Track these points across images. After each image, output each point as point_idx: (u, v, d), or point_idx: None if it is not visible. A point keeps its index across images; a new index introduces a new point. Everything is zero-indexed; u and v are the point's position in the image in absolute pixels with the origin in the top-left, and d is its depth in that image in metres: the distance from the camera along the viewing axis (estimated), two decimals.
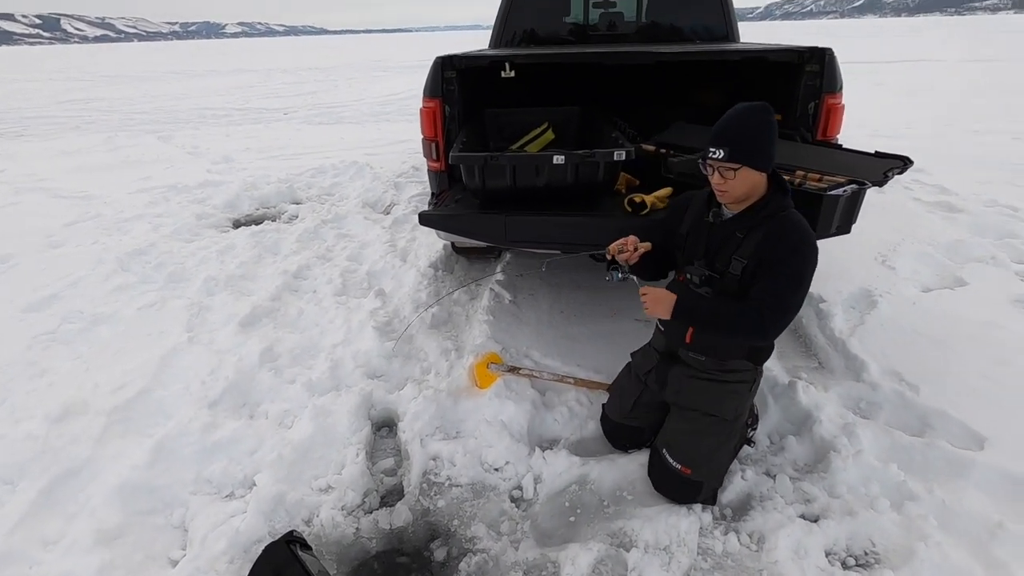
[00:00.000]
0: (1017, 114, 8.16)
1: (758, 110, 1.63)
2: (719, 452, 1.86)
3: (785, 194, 1.70)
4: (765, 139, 1.62)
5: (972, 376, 2.33)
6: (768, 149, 1.63)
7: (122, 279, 3.55)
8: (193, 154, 7.44)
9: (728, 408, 1.85)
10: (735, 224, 1.71)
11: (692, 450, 1.82)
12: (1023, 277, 3.22)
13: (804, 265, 1.63)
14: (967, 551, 1.63)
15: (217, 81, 19.33)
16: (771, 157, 1.64)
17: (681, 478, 1.82)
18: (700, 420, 1.85)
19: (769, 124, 1.63)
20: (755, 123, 1.62)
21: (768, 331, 1.67)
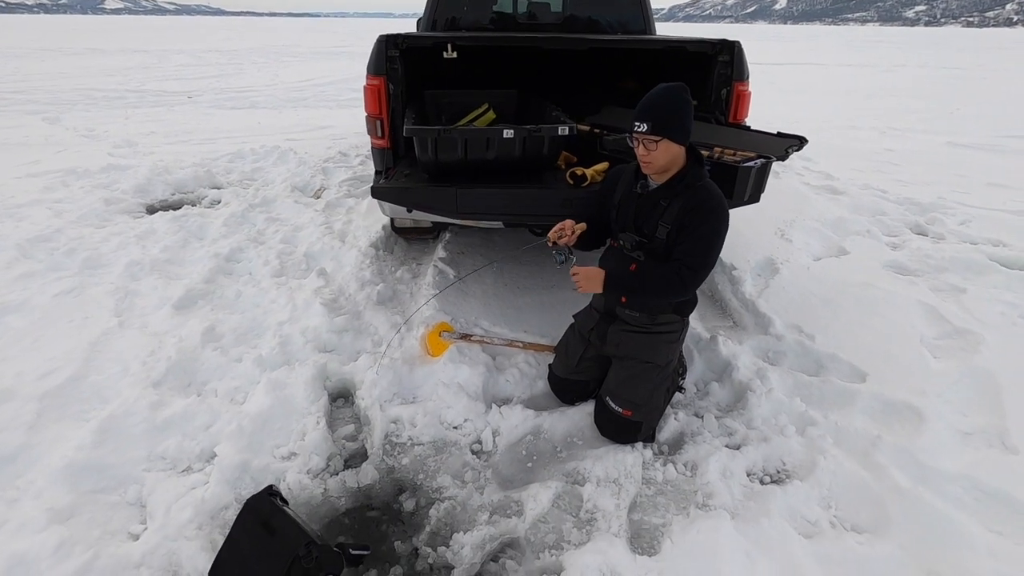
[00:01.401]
0: (882, 112, 9.32)
1: (677, 90, 1.83)
2: (655, 394, 2.08)
3: (701, 166, 1.91)
4: (683, 115, 1.82)
5: (855, 326, 2.75)
6: (685, 124, 1.83)
7: (27, 266, 3.27)
8: (89, 137, 6.82)
9: (661, 355, 2.08)
10: (659, 194, 1.92)
11: (632, 394, 2.04)
12: (892, 247, 3.78)
13: (718, 227, 1.87)
14: (856, 461, 1.97)
15: (102, 61, 17.54)
16: (688, 131, 1.85)
17: (624, 420, 2.04)
18: (637, 367, 2.08)
19: (686, 102, 1.83)
20: (674, 100, 1.81)
21: (687, 286, 1.91)
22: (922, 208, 4.47)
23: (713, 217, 1.86)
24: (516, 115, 3.18)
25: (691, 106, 1.85)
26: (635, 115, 1.83)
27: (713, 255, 1.89)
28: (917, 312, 2.85)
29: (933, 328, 2.74)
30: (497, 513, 1.84)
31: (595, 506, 1.85)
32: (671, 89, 1.83)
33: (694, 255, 1.87)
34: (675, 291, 1.92)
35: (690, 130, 1.85)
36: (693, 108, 1.86)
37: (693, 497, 1.89)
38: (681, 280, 1.87)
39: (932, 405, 2.18)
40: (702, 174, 1.90)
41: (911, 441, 2.01)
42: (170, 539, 1.66)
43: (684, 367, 2.44)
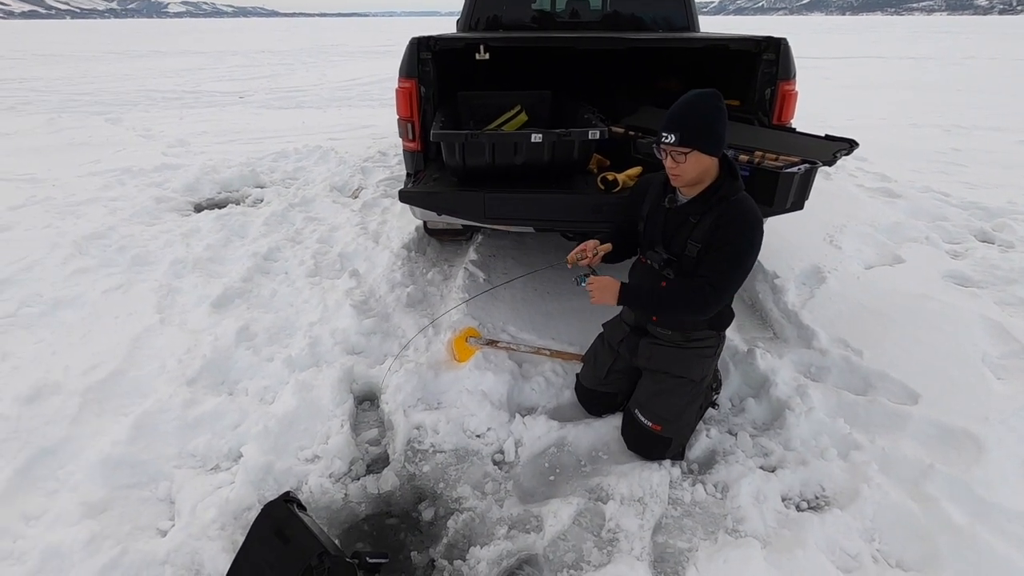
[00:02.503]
0: (946, 109, 8.75)
1: (708, 96, 1.69)
2: (687, 410, 1.99)
3: (735, 179, 1.77)
4: (715, 124, 1.67)
5: (908, 341, 2.56)
6: (718, 134, 1.68)
7: (81, 262, 3.44)
8: (146, 137, 7.15)
9: (695, 370, 1.98)
10: (689, 209, 1.80)
11: (662, 409, 1.95)
12: (953, 255, 3.52)
13: (748, 247, 1.74)
14: (903, 490, 1.83)
15: (163, 62, 18.44)
16: (721, 142, 1.70)
17: (653, 435, 1.96)
18: (669, 381, 1.99)
19: (719, 110, 1.69)
20: (705, 109, 1.67)
21: (709, 306, 1.78)
22: (989, 213, 4.15)
23: (745, 234, 1.73)
24: (550, 117, 3.13)
25: (724, 113, 1.71)
26: (663, 124, 1.71)
27: (740, 274, 1.77)
28: (980, 328, 2.64)
29: (997, 346, 2.53)
30: (516, 528, 1.80)
31: (618, 525, 1.78)
32: (702, 96, 1.70)
33: (720, 272, 1.74)
34: (695, 310, 1.81)
35: (724, 139, 1.72)
36: (727, 115, 1.72)
37: (722, 521, 1.80)
38: (704, 299, 1.76)
39: (994, 432, 2.00)
40: (737, 187, 1.77)
41: (968, 472, 1.85)
42: (194, 538, 1.69)
43: (719, 381, 2.33)
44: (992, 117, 8.14)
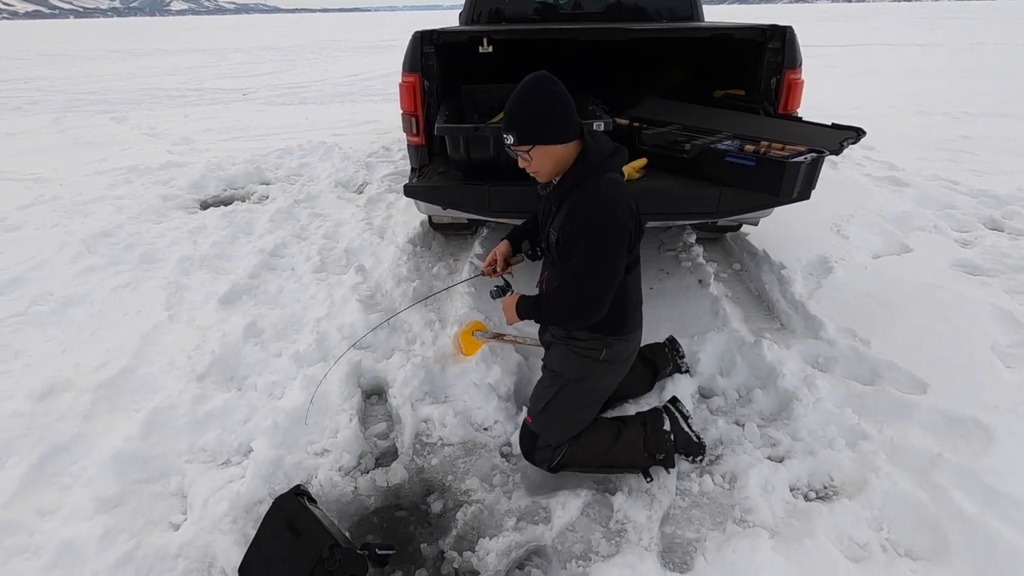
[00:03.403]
0: (954, 96, 8.64)
1: (535, 85, 1.55)
2: (554, 406, 1.82)
3: (587, 162, 1.61)
4: (550, 112, 1.54)
5: (916, 331, 2.55)
6: (556, 120, 1.55)
7: (90, 261, 3.47)
8: (151, 135, 7.18)
9: (569, 368, 1.83)
10: (552, 195, 1.70)
11: (534, 400, 1.88)
12: (962, 244, 3.49)
13: (592, 242, 1.56)
14: (912, 480, 1.82)
15: (167, 61, 18.47)
16: (562, 127, 1.56)
17: (526, 426, 1.89)
18: (547, 376, 1.91)
19: (550, 95, 1.54)
20: (534, 99, 1.54)
21: (581, 309, 1.63)
22: (998, 201, 4.11)
23: (587, 229, 1.56)
24: None
25: (559, 96, 1.54)
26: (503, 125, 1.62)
27: (593, 274, 1.59)
28: (989, 316, 2.62)
29: (1007, 335, 2.52)
30: (524, 519, 1.81)
31: (626, 517, 1.79)
32: (530, 87, 1.56)
33: (574, 276, 1.60)
34: (574, 316, 1.67)
35: (566, 123, 1.56)
36: (563, 96, 1.55)
37: (731, 512, 1.80)
38: (571, 304, 1.63)
39: (1003, 421, 1.99)
40: (588, 171, 1.61)
41: (977, 461, 1.84)
42: (207, 531, 1.71)
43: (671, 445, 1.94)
44: (1001, 103, 8.04)
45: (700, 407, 2.24)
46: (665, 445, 1.86)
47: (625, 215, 1.58)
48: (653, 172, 2.47)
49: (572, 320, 1.72)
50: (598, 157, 1.61)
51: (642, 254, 3.27)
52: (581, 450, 1.85)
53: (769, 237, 3.45)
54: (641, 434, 1.86)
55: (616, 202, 1.57)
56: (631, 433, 1.87)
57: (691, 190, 2.34)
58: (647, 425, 1.89)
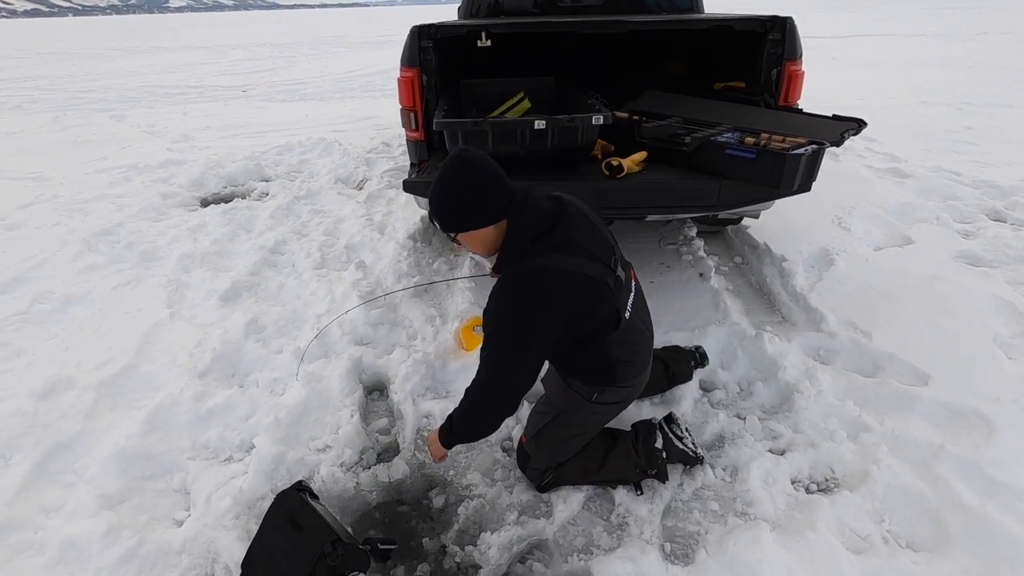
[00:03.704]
0: (957, 86, 8.58)
1: (450, 169, 1.45)
2: (548, 435, 1.80)
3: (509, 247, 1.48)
4: (465, 199, 1.44)
5: (918, 323, 2.54)
6: (472, 207, 1.44)
7: (91, 259, 3.47)
8: (150, 133, 7.17)
9: (561, 399, 1.78)
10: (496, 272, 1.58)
11: (530, 424, 1.87)
12: (964, 235, 3.48)
13: (498, 328, 1.47)
14: (913, 471, 1.82)
15: (166, 58, 18.44)
16: (479, 213, 1.45)
17: (521, 444, 1.90)
18: (541, 401, 1.90)
19: (465, 181, 1.44)
20: (450, 187, 1.45)
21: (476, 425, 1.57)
22: (1002, 192, 4.09)
23: (494, 316, 1.46)
24: (553, 103, 3.10)
25: (477, 179, 1.44)
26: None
27: (502, 365, 1.47)
28: (991, 308, 2.62)
29: (1009, 326, 2.51)
30: (526, 513, 1.82)
31: (627, 510, 1.80)
32: (446, 171, 1.46)
33: (483, 366, 1.51)
34: (474, 418, 1.57)
35: (486, 206, 1.45)
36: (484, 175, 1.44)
37: (732, 504, 1.80)
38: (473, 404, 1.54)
39: (1005, 413, 1.99)
40: (510, 256, 1.49)
41: (978, 452, 1.84)
42: (210, 528, 1.72)
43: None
44: (1005, 94, 7.98)
45: (701, 401, 2.24)
46: (657, 462, 1.83)
47: (540, 309, 1.43)
48: (653, 165, 2.46)
49: (474, 421, 1.59)
50: (523, 242, 1.46)
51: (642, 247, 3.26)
52: (570, 472, 1.84)
53: (770, 230, 3.44)
54: (631, 453, 1.83)
55: (525, 300, 1.43)
56: (622, 451, 1.84)
57: (691, 183, 2.33)
58: (639, 441, 1.85)
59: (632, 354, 1.66)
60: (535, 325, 1.44)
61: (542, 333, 1.45)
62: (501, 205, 1.46)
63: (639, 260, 3.28)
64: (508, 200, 1.47)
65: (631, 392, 1.77)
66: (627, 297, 1.62)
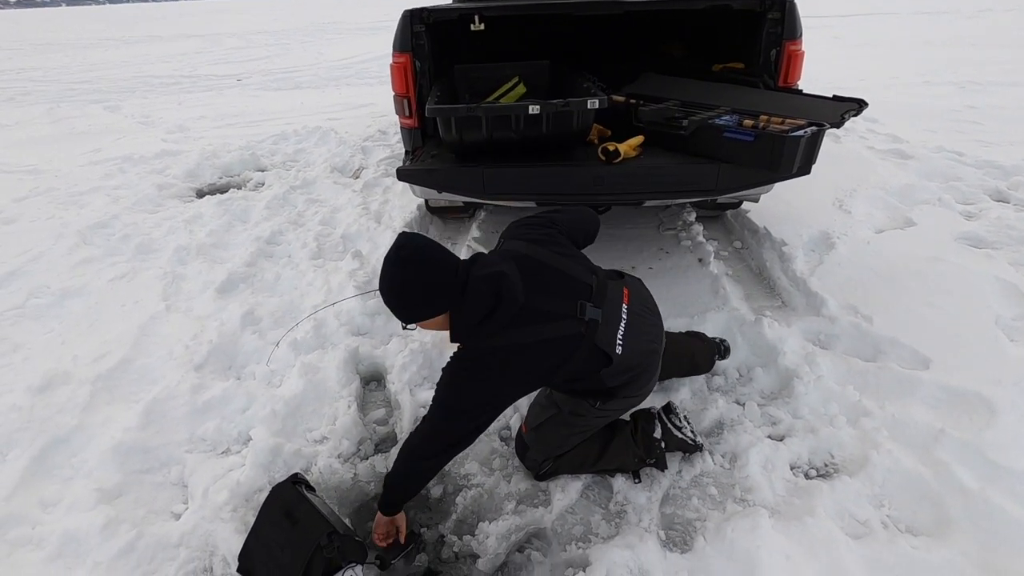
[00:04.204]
0: (961, 65, 8.46)
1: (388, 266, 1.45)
2: (548, 429, 1.80)
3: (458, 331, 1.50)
4: (407, 297, 1.46)
5: (919, 306, 2.52)
6: (415, 303, 1.46)
7: (87, 252, 3.45)
8: (145, 124, 7.10)
9: (563, 400, 1.77)
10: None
11: (531, 415, 1.86)
12: (966, 216, 3.44)
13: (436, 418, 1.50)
14: (914, 456, 1.81)
15: (160, 47, 18.22)
16: (424, 306, 1.47)
17: (520, 433, 1.89)
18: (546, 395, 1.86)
19: (403, 280, 1.45)
20: (392, 288, 1.46)
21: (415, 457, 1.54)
22: (1004, 172, 4.04)
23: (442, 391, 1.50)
24: (549, 87, 3.05)
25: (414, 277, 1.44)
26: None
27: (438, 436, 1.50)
28: (993, 290, 2.59)
29: (1012, 308, 2.48)
30: (524, 502, 1.81)
31: (626, 498, 1.80)
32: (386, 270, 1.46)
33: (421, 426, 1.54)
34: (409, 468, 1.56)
35: (430, 298, 1.46)
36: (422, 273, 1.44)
37: (731, 491, 1.80)
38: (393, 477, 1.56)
39: (1006, 395, 1.97)
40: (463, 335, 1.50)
41: (979, 436, 1.83)
42: (207, 520, 1.72)
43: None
44: (1009, 72, 7.87)
45: (700, 387, 2.23)
46: (655, 452, 1.83)
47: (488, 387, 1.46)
48: (650, 149, 2.42)
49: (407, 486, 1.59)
50: (466, 330, 1.48)
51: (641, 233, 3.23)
52: (569, 461, 1.83)
53: (770, 214, 3.41)
54: (630, 442, 1.83)
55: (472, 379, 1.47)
56: (621, 440, 1.83)
57: (689, 167, 2.29)
58: (637, 431, 1.85)
59: (633, 376, 1.63)
60: (482, 405, 1.48)
61: (489, 411, 1.50)
62: (445, 297, 1.46)
63: (637, 246, 3.25)
64: (451, 290, 1.45)
65: (639, 400, 1.76)
66: (614, 332, 1.56)
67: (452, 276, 1.46)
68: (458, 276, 1.47)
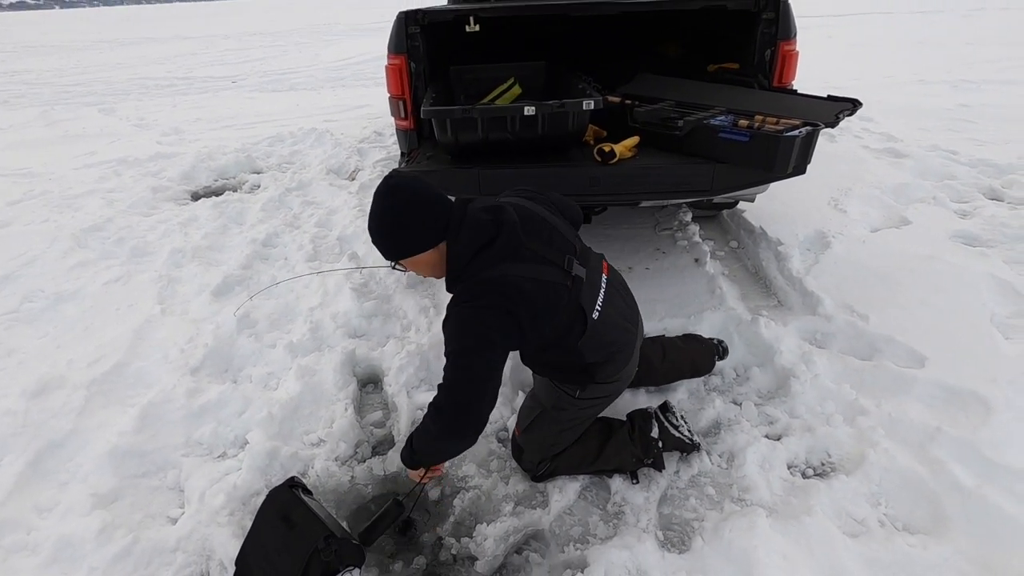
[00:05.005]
0: (954, 63, 8.50)
1: (378, 199, 1.43)
2: (537, 430, 1.79)
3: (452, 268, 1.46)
4: (397, 227, 1.42)
5: (914, 304, 2.53)
6: (405, 235, 1.43)
7: (81, 256, 3.43)
8: (140, 126, 7.08)
9: (547, 396, 1.77)
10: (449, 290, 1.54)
11: (521, 417, 1.87)
12: (961, 214, 3.45)
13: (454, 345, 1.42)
14: (910, 454, 1.82)
15: (155, 49, 18.17)
16: (414, 239, 1.43)
17: (514, 436, 1.89)
18: (530, 395, 1.89)
19: (394, 209, 1.42)
20: (381, 217, 1.43)
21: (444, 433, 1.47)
22: (998, 170, 4.06)
23: (450, 330, 1.44)
24: (544, 88, 3.05)
25: (406, 207, 1.42)
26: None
27: (460, 385, 1.43)
28: (988, 288, 2.60)
29: (1007, 306, 2.50)
30: (522, 504, 1.81)
31: (624, 499, 1.79)
32: (377, 202, 1.44)
33: (444, 381, 1.45)
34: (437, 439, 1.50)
35: (420, 232, 1.43)
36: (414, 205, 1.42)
37: (728, 491, 1.80)
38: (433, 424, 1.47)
39: (1002, 393, 1.98)
40: (454, 277, 1.47)
41: (975, 433, 1.83)
42: (204, 524, 1.71)
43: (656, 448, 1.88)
44: (1003, 70, 7.91)
45: (697, 387, 2.23)
46: (653, 451, 1.83)
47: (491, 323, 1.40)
48: (646, 150, 2.43)
49: (437, 442, 1.52)
50: (463, 260, 1.44)
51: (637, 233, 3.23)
52: (566, 462, 1.83)
53: (766, 213, 3.41)
54: (628, 442, 1.83)
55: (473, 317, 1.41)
56: (618, 440, 1.83)
57: (685, 168, 2.30)
58: (634, 430, 1.85)
59: (609, 355, 1.62)
60: (491, 334, 1.41)
61: (500, 342, 1.43)
62: (438, 228, 1.44)
63: (634, 246, 3.25)
64: (444, 222, 1.44)
65: (617, 387, 1.75)
66: (594, 295, 1.56)
67: (446, 208, 1.45)
68: (454, 210, 1.45)
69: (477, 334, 1.40)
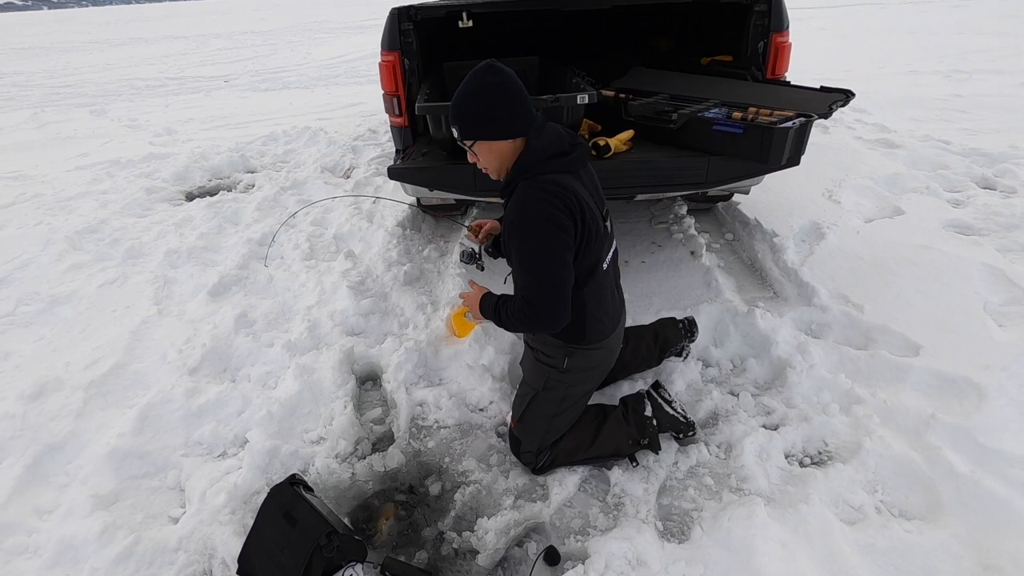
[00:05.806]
0: (946, 54, 8.53)
1: (478, 77, 1.48)
2: (531, 416, 1.82)
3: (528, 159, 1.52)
4: (490, 107, 1.47)
5: (909, 293, 2.55)
6: (497, 116, 1.48)
7: (76, 258, 3.42)
8: (132, 127, 7.04)
9: (535, 377, 1.81)
10: (503, 193, 1.62)
11: (515, 408, 1.89)
12: (954, 204, 3.47)
13: (522, 243, 1.49)
14: (905, 441, 1.84)
15: (145, 50, 18.04)
16: (504, 123, 1.49)
17: (510, 429, 1.92)
18: (521, 383, 1.92)
19: (493, 88, 1.46)
20: (476, 92, 1.47)
21: (535, 319, 1.55)
22: (990, 159, 4.08)
23: (517, 232, 1.50)
24: (538, 83, 3.05)
25: (504, 89, 1.47)
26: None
27: (535, 276, 1.50)
28: (981, 276, 2.62)
29: (999, 294, 2.52)
30: (522, 497, 1.82)
31: (623, 490, 1.81)
32: (474, 78, 1.49)
33: (519, 283, 1.56)
34: (526, 325, 1.60)
35: (511, 118, 1.49)
36: (509, 89, 1.48)
37: (727, 481, 1.82)
38: (522, 313, 1.55)
39: (995, 380, 2.00)
40: (526, 168, 1.52)
41: (969, 420, 1.85)
42: (205, 524, 1.72)
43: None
44: (993, 60, 7.94)
45: (695, 378, 2.24)
46: (648, 431, 1.85)
47: (563, 212, 1.47)
48: (641, 144, 2.43)
49: (528, 327, 1.64)
50: (539, 156, 1.50)
51: (633, 227, 3.24)
52: (564, 451, 1.85)
53: (761, 205, 3.43)
54: (622, 423, 1.85)
55: (548, 199, 1.46)
56: (612, 423, 1.86)
57: (679, 160, 2.31)
58: (628, 412, 1.87)
59: (603, 312, 1.71)
60: (554, 220, 1.47)
61: (555, 232, 1.48)
62: (525, 121, 1.52)
63: (630, 240, 3.26)
64: (531, 119, 1.53)
65: (602, 356, 1.79)
66: (608, 249, 1.70)
67: (532, 109, 1.54)
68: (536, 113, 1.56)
69: (548, 218, 1.46)
